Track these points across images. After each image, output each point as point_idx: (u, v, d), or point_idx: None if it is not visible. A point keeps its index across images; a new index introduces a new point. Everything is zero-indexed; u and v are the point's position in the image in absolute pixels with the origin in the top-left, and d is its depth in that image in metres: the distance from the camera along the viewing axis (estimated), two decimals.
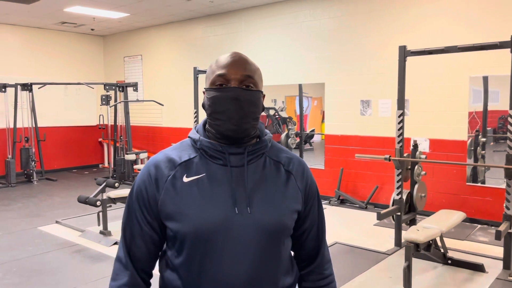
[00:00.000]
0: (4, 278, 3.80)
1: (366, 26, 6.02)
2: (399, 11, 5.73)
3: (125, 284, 1.14)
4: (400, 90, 4.38)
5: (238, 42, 7.49)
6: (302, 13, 6.66)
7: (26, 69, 8.77)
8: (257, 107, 1.14)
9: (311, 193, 1.22)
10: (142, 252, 1.16)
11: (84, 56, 9.77)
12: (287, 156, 1.22)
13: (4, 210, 6.18)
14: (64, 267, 4.08)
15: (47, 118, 8.97)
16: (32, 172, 8.16)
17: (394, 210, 4.32)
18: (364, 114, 6.15)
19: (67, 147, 9.47)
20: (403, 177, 4.48)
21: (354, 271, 3.87)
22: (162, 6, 7.20)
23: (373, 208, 5.99)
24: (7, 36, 8.54)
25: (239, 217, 1.08)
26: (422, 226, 3.65)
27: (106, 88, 7.98)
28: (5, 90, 8.01)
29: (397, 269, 3.81)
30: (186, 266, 1.10)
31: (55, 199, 6.87)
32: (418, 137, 5.53)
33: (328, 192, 6.57)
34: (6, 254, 4.37)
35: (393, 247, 4.43)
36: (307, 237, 1.24)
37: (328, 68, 6.45)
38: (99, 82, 9.06)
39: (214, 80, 1.12)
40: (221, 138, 1.13)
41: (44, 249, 4.55)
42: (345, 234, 4.91)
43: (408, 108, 5.65)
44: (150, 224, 1.14)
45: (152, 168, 1.14)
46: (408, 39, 5.50)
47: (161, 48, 8.88)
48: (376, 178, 6.09)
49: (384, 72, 5.86)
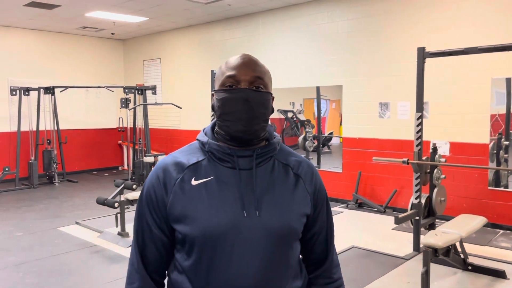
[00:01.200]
0: (25, 277, 3.88)
1: (385, 27, 5.96)
2: (419, 12, 5.64)
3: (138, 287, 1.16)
4: (418, 92, 4.32)
5: (256, 45, 7.50)
6: (320, 15, 6.63)
7: (48, 73, 8.97)
8: (267, 108, 1.14)
9: (320, 196, 1.21)
10: (154, 255, 1.17)
11: (105, 60, 9.94)
12: (296, 159, 1.21)
13: (26, 210, 6.32)
14: (83, 268, 4.14)
15: (69, 121, 9.15)
16: (53, 173, 8.32)
17: (413, 214, 4.25)
18: (382, 116, 6.08)
19: (87, 149, 9.63)
20: (422, 180, 4.40)
21: (371, 276, 3.81)
22: (180, 10, 7.27)
23: (391, 212, 5.91)
24: (31, 40, 8.76)
25: (248, 220, 1.08)
26: (441, 230, 3.58)
27: (125, 91, 8.09)
28: (28, 94, 8.21)
29: (415, 275, 3.74)
30: (194, 269, 1.10)
31: (75, 200, 6.99)
32: (438, 140, 5.44)
33: (345, 196, 6.51)
34: (27, 254, 4.47)
35: (412, 252, 4.35)
36: (316, 241, 1.23)
37: (346, 70, 6.40)
38: (119, 85, 9.19)
39: (224, 81, 1.12)
40: (230, 139, 1.13)
41: (64, 249, 4.63)
42: (362, 238, 4.85)
43: (428, 110, 5.56)
44: (160, 228, 1.15)
45: (160, 172, 1.15)
46: (427, 40, 5.42)
47: (179, 51, 8.96)
48: (395, 182, 6.01)
49: (403, 74, 5.78)
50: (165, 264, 1.19)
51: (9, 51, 8.47)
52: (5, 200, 6.99)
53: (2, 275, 3.93)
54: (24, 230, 5.32)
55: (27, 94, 8.20)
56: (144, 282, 1.16)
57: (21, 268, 4.09)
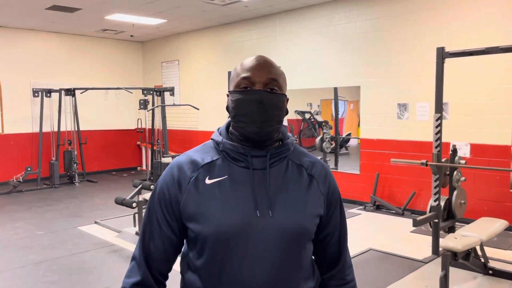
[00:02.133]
0: (45, 275, 3.96)
1: (404, 27, 5.88)
2: (438, 12, 5.56)
3: (136, 282, 1.16)
4: (437, 93, 4.25)
5: (273, 45, 7.50)
6: (337, 15, 6.59)
7: (69, 75, 9.14)
8: (281, 110, 1.14)
9: (333, 197, 1.21)
10: (159, 253, 1.17)
11: (124, 62, 10.08)
12: (310, 160, 1.21)
13: (47, 210, 6.45)
14: (101, 266, 4.20)
15: (89, 121, 9.31)
16: (74, 174, 8.47)
17: (431, 216, 4.18)
18: (401, 117, 6.00)
19: (107, 150, 9.78)
20: (441, 183, 4.33)
21: (388, 279, 3.77)
22: (198, 12, 7.32)
23: (410, 215, 5.83)
24: (52, 43, 8.94)
25: (261, 220, 1.08)
26: (460, 234, 3.51)
27: (144, 92, 8.19)
28: (50, 95, 8.38)
29: (434, 278, 3.68)
30: (207, 268, 1.10)
31: (95, 200, 7.10)
32: (458, 141, 5.34)
33: (363, 198, 6.45)
34: (48, 253, 4.55)
35: (430, 255, 4.29)
36: (329, 242, 1.23)
37: (364, 71, 6.34)
38: (138, 87, 9.31)
39: (239, 82, 1.13)
40: (244, 140, 1.14)
41: (83, 248, 4.71)
42: (380, 241, 4.79)
43: (448, 111, 5.47)
44: (170, 225, 1.15)
45: (175, 170, 1.16)
46: (447, 40, 5.33)
47: (197, 53, 9.02)
48: (413, 184, 5.92)
49: (422, 75, 5.70)
50: (169, 263, 1.19)
51: (32, 53, 8.67)
52: (28, 200, 7.14)
53: (23, 273, 4.02)
54: (45, 229, 5.43)
55: (49, 95, 8.37)
56: (144, 278, 1.16)
57: (41, 266, 4.17)
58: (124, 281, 1.18)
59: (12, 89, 8.42)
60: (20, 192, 7.67)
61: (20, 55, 8.52)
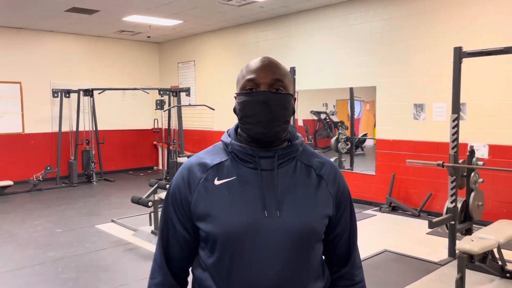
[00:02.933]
0: (63, 272, 4.04)
1: (420, 27, 5.82)
2: (455, 11, 5.48)
3: (159, 283, 1.20)
4: (455, 93, 4.20)
5: (288, 46, 7.50)
6: (353, 15, 6.56)
7: (87, 76, 9.30)
8: (287, 110, 1.14)
9: (343, 198, 1.21)
10: (177, 252, 1.21)
11: (141, 63, 10.20)
12: (319, 160, 1.21)
13: (66, 208, 6.57)
14: (117, 264, 4.27)
15: (106, 121, 9.45)
16: (92, 173, 8.61)
17: (448, 218, 4.13)
18: (417, 118, 5.94)
19: (124, 150, 9.91)
20: (458, 184, 4.27)
21: (403, 281, 3.73)
22: (214, 13, 7.37)
23: (426, 216, 5.76)
24: (71, 44, 9.11)
25: (269, 221, 1.09)
26: (477, 236, 3.46)
27: (160, 93, 8.27)
28: (69, 96, 8.54)
29: (449, 281, 3.63)
30: (217, 267, 1.12)
31: (112, 199, 7.21)
32: (476, 142, 5.26)
33: (379, 199, 6.40)
34: (66, 250, 4.65)
35: (447, 258, 4.23)
36: (338, 242, 1.23)
37: (380, 71, 6.29)
38: (154, 87, 9.41)
39: (244, 84, 1.14)
40: (252, 141, 1.15)
41: (100, 246, 4.79)
42: (395, 242, 4.75)
43: (465, 112, 5.39)
44: (184, 226, 1.18)
45: (185, 172, 1.18)
46: (464, 40, 5.25)
47: (213, 53, 9.08)
48: (430, 185, 5.85)
49: (439, 75, 5.63)
50: (187, 261, 1.22)
51: (51, 55, 8.84)
52: (47, 198, 7.29)
53: (42, 270, 4.11)
54: (63, 227, 5.53)
55: (68, 96, 8.53)
56: (165, 278, 1.20)
57: (59, 263, 4.26)
58: (148, 282, 1.24)
59: (32, 89, 8.61)
60: (39, 191, 7.83)
61: (40, 57, 8.70)
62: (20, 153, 8.52)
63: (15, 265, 4.22)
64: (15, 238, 5.08)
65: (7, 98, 8.35)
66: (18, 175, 8.30)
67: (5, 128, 8.35)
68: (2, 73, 8.26)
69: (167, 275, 1.20)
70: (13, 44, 8.37)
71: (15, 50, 8.39)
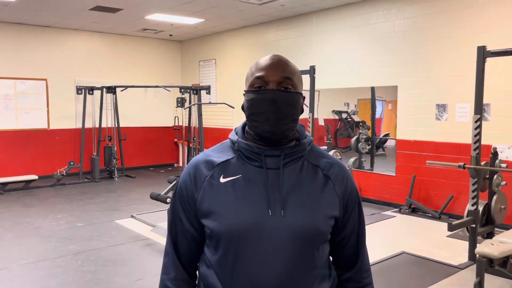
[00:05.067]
0: (83, 265, 4.13)
1: (443, 26, 5.70)
2: (479, 10, 5.35)
3: (174, 278, 1.22)
4: (477, 94, 4.10)
5: (309, 44, 7.46)
6: (375, 14, 6.47)
7: (110, 73, 9.46)
8: (295, 108, 1.14)
9: (351, 199, 1.20)
10: (185, 248, 1.22)
11: (163, 61, 10.32)
12: (328, 161, 1.20)
13: (88, 203, 6.71)
14: (135, 259, 4.34)
15: (128, 118, 9.60)
16: (113, 169, 8.77)
17: (468, 221, 4.04)
18: (439, 119, 5.82)
19: (145, 146, 10.05)
20: (480, 187, 4.17)
21: (420, 284, 3.68)
22: (235, 11, 7.39)
23: (447, 219, 5.65)
24: (95, 42, 9.28)
25: (273, 219, 1.09)
26: (498, 240, 3.38)
27: (181, 91, 8.35)
28: (92, 93, 8.70)
29: (468, 285, 3.55)
30: (220, 264, 1.13)
31: (132, 195, 7.32)
32: (500, 144, 5.12)
33: (398, 200, 6.31)
34: (86, 244, 4.75)
35: (467, 261, 4.15)
36: (346, 244, 1.22)
37: (402, 70, 6.20)
38: (176, 85, 9.50)
39: (253, 82, 1.14)
40: (259, 139, 1.15)
41: (119, 241, 4.87)
42: (414, 244, 4.68)
43: (489, 113, 5.26)
44: (191, 222, 1.19)
45: (192, 169, 1.19)
46: (488, 39, 5.12)
47: (233, 52, 9.11)
48: (452, 187, 5.74)
49: (463, 74, 5.51)
50: (195, 256, 1.24)
51: (76, 52, 9.03)
52: (70, 193, 7.46)
53: (63, 262, 4.21)
54: (84, 221, 5.65)
55: (91, 93, 8.69)
56: (179, 272, 1.22)
57: (79, 257, 4.36)
58: (161, 278, 1.25)
59: (57, 86, 8.81)
60: (63, 185, 8.02)
61: (65, 54, 8.90)
62: (45, 148, 8.74)
63: (37, 257, 4.34)
64: (38, 231, 5.22)
65: (33, 94, 8.57)
66: (42, 170, 8.52)
67: (31, 124, 8.57)
68: (29, 70, 8.48)
69: (180, 269, 1.22)
70: (39, 42, 8.59)
71: (41, 48, 8.61)
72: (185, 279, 1.22)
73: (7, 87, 8.28)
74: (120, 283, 3.78)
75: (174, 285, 1.21)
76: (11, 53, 8.29)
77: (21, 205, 6.52)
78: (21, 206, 6.48)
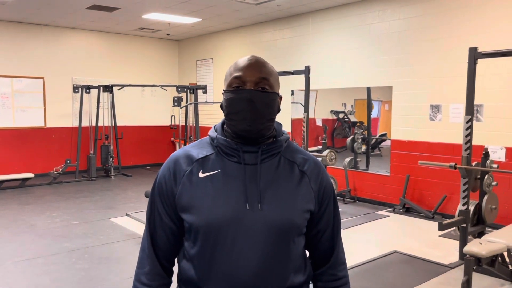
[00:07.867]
0: (77, 263, 4.16)
1: (438, 27, 5.74)
2: (472, 12, 5.39)
3: (148, 272, 1.24)
4: (469, 95, 4.14)
5: (305, 44, 7.49)
6: (370, 14, 6.51)
7: (107, 72, 9.48)
8: (272, 108, 1.17)
9: (326, 194, 1.23)
10: (163, 242, 1.24)
11: (160, 60, 10.35)
12: (303, 157, 1.24)
13: (83, 201, 6.73)
14: (129, 257, 4.36)
15: (125, 117, 9.62)
16: (110, 167, 8.79)
17: (459, 221, 4.08)
18: (433, 119, 5.86)
19: (142, 145, 10.08)
20: (471, 187, 4.21)
21: (410, 282, 3.71)
22: (232, 11, 7.42)
23: (440, 218, 5.68)
24: (92, 41, 9.30)
25: (250, 213, 1.12)
26: (486, 239, 3.42)
27: (178, 90, 8.38)
28: (89, 91, 8.72)
29: (458, 284, 3.59)
30: (199, 257, 1.16)
31: (128, 193, 7.35)
32: (492, 145, 5.16)
33: (392, 200, 6.34)
34: (81, 242, 4.78)
35: (457, 261, 4.18)
36: (321, 238, 1.25)
37: (397, 71, 6.23)
38: (173, 84, 9.53)
39: (231, 82, 1.17)
40: (237, 137, 1.18)
41: (114, 239, 4.90)
42: (406, 244, 4.72)
43: (482, 113, 5.30)
44: (169, 216, 1.22)
45: (171, 164, 1.22)
46: (481, 40, 5.16)
47: (230, 51, 9.14)
48: (445, 187, 5.77)
49: (457, 75, 5.55)
50: (173, 251, 1.26)
51: (73, 51, 9.05)
52: (66, 191, 7.49)
53: (57, 259, 4.23)
54: (80, 219, 5.68)
55: (88, 91, 8.71)
56: (153, 267, 1.24)
57: (74, 254, 4.38)
58: (136, 272, 1.26)
59: (54, 85, 8.83)
60: (59, 184, 8.04)
61: (62, 53, 8.92)
62: (42, 146, 8.76)
63: (31, 254, 4.37)
64: (34, 229, 5.25)
65: (30, 92, 8.59)
66: (39, 168, 8.54)
67: (28, 122, 8.59)
68: (26, 68, 8.50)
69: (155, 263, 1.24)
70: (37, 40, 8.61)
71: (38, 46, 8.63)
72: (160, 274, 1.24)
73: (4, 85, 8.30)
74: (113, 280, 3.81)
75: (148, 279, 1.23)
76: (8, 51, 8.31)
77: (17, 203, 6.54)
78: (17, 204, 6.51)
